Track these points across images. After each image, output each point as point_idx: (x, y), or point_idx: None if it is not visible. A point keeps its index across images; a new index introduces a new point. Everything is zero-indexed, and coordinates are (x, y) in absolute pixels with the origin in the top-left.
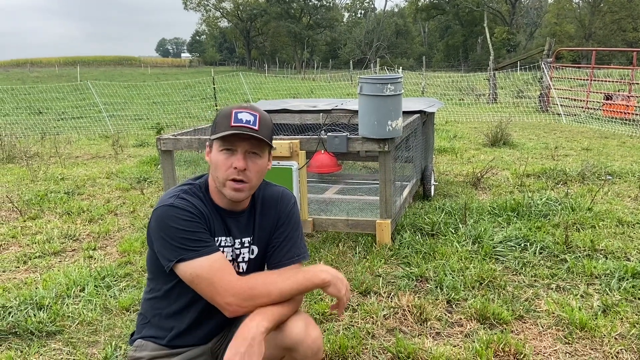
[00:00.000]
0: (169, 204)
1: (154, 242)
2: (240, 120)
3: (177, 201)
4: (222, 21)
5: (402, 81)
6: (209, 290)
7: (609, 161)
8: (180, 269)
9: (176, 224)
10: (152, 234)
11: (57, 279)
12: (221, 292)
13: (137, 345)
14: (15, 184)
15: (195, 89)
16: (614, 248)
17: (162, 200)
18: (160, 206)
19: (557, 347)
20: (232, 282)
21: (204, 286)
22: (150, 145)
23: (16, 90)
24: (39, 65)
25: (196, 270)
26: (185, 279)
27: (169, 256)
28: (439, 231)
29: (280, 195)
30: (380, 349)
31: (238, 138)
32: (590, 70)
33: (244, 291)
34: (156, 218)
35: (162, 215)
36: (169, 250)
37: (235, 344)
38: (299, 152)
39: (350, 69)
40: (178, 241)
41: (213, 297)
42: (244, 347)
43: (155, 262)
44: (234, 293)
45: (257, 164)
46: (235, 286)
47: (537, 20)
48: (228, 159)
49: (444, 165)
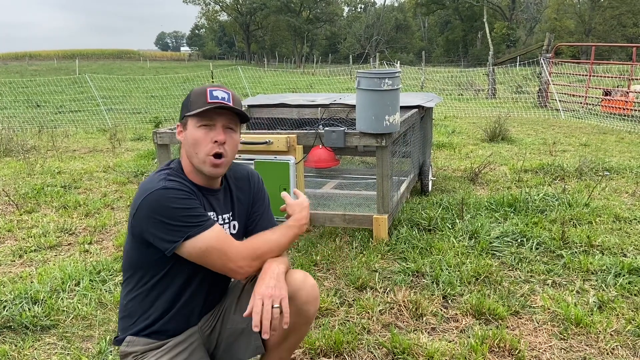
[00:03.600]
0: (160, 187)
1: (148, 231)
2: (216, 97)
3: (168, 183)
4: (221, 15)
5: (400, 76)
6: (221, 259)
7: (607, 157)
8: (187, 246)
9: (176, 204)
10: (143, 223)
11: (53, 273)
12: (233, 258)
13: (128, 341)
14: (12, 178)
15: (194, 82)
16: (611, 244)
17: (148, 187)
18: (151, 192)
19: (552, 342)
20: (239, 247)
21: (216, 256)
22: (148, 139)
23: (14, 83)
24: (37, 58)
25: (205, 243)
26: (193, 255)
27: (173, 237)
28: (435, 226)
29: (249, 172)
30: (375, 344)
31: (216, 113)
32: (590, 66)
33: (251, 252)
34: (150, 204)
35: (158, 199)
36: (172, 232)
37: (265, 282)
38: (297, 146)
39: (349, 64)
40: (181, 220)
41: (225, 264)
42: (273, 282)
43: (144, 254)
44: (244, 256)
45: (234, 138)
46: (243, 250)
47: (537, 15)
48: (207, 134)
49: (442, 160)
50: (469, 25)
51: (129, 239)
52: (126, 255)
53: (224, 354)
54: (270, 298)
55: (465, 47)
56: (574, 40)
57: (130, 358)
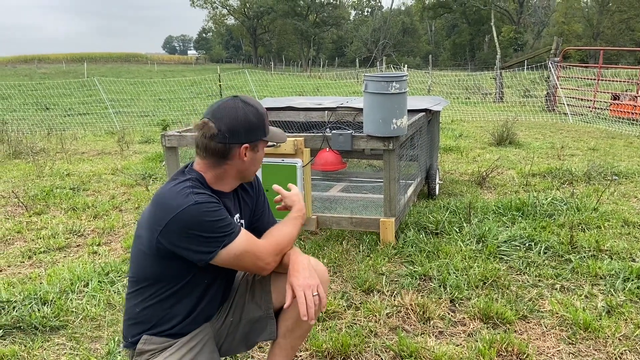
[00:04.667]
0: (192, 203)
1: (180, 245)
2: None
3: (199, 197)
4: (228, 18)
5: (407, 79)
6: (253, 260)
7: (616, 161)
8: (223, 254)
9: (211, 217)
10: (174, 239)
11: (62, 274)
12: (263, 257)
13: (145, 340)
14: (21, 180)
15: (201, 86)
16: (619, 249)
17: (176, 205)
18: (183, 208)
19: (560, 347)
20: (265, 246)
21: (248, 259)
22: (155, 142)
23: (23, 86)
24: (46, 62)
25: (240, 248)
26: (228, 261)
27: (210, 248)
28: (443, 230)
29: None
30: (382, 348)
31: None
32: (598, 70)
33: (275, 248)
34: (184, 221)
35: (194, 215)
36: (209, 243)
37: (300, 274)
38: (304, 149)
39: (356, 67)
40: (218, 231)
41: (256, 264)
42: (307, 273)
43: (165, 267)
44: (270, 252)
45: None
46: (269, 247)
47: (544, 19)
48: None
49: (449, 164)
50: (476, 29)
51: (148, 252)
52: (140, 267)
53: (239, 343)
54: (310, 288)
55: (472, 50)
56: (582, 44)
57: (147, 356)
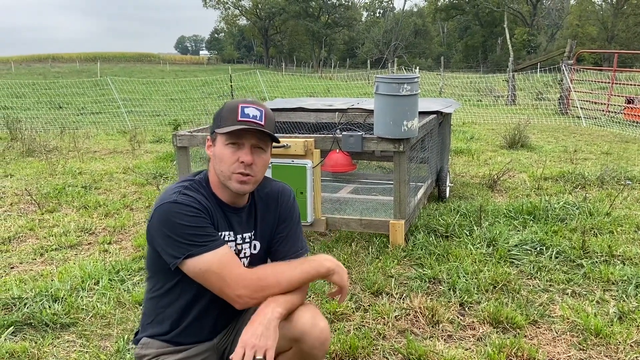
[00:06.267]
0: (171, 200)
1: (156, 241)
2: (247, 115)
3: (180, 197)
4: (240, 19)
5: (418, 81)
6: (219, 284)
7: (629, 166)
8: (189, 264)
9: (182, 220)
10: (153, 232)
11: (73, 272)
12: (232, 285)
13: (143, 343)
14: (34, 177)
15: (212, 86)
16: (632, 254)
17: (163, 197)
18: (162, 203)
19: (571, 353)
20: (242, 274)
21: (214, 280)
22: (167, 142)
23: (37, 85)
24: (60, 61)
25: (205, 265)
26: (194, 275)
27: (176, 253)
28: (453, 233)
29: (280, 190)
30: (391, 350)
31: (246, 132)
32: (612, 73)
33: (254, 282)
34: (159, 216)
35: (166, 212)
36: (175, 247)
37: (252, 328)
38: (314, 150)
39: (367, 69)
40: (185, 237)
41: (223, 290)
42: (260, 330)
43: (156, 261)
44: (245, 285)
45: (263, 158)
46: (246, 278)
47: (558, 21)
48: (234, 153)
49: (460, 166)
50: (489, 31)
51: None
52: (147, 258)
53: None
54: (253, 348)
55: (484, 52)
56: (596, 47)
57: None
